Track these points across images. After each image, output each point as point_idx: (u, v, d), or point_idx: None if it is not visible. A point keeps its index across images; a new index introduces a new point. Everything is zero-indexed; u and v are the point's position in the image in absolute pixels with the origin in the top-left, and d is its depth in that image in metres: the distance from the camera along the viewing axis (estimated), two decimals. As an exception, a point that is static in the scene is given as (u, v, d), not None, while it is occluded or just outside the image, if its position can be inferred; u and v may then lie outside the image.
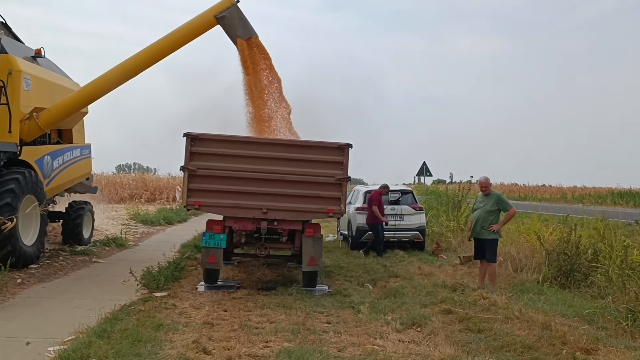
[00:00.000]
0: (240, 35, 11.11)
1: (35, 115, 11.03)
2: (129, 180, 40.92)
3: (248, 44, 11.10)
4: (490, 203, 9.52)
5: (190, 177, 9.02)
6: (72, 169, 13.05)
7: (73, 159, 13.12)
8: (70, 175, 13.01)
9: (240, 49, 11.11)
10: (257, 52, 11.15)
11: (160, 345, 5.92)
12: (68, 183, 13.18)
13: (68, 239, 13.41)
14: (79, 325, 6.45)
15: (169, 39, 11.42)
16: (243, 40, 11.09)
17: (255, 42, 11.18)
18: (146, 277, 9.15)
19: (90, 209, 14.31)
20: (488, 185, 9.83)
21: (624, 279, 8.18)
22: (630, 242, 9.63)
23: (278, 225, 9.18)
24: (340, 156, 9.18)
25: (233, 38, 11.21)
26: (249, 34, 11.16)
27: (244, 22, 11.18)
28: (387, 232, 14.65)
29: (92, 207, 14.50)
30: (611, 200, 41.15)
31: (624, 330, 6.87)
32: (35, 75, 11.12)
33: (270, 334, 6.51)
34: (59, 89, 12.12)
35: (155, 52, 11.43)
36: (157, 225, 20.94)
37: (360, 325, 7.12)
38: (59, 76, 12.77)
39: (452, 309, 7.88)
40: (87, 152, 14.12)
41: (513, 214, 9.71)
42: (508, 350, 6.10)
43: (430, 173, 26.21)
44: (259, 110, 10.90)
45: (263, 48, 11.21)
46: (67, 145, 13.03)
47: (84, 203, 14.09)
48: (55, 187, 12.21)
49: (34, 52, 11.89)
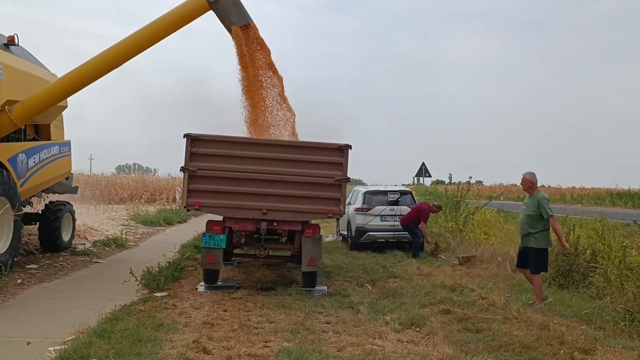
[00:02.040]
0: (236, 22, 10.37)
1: (8, 109, 10.08)
2: (129, 180, 41.08)
3: (244, 32, 10.40)
4: (532, 206, 8.28)
5: (190, 177, 9.05)
6: (49, 167, 11.98)
7: (51, 157, 12.03)
8: (47, 175, 11.97)
9: (235, 37, 10.43)
10: (254, 40, 10.46)
11: (161, 345, 5.95)
12: (45, 183, 12.12)
13: (46, 243, 12.48)
14: (80, 325, 6.48)
15: (156, 25, 10.45)
16: (238, 28, 10.38)
17: (251, 29, 10.45)
18: (146, 278, 9.17)
19: (70, 209, 13.40)
20: (530, 183, 8.43)
21: (622, 280, 8.21)
22: (628, 243, 9.63)
23: (278, 225, 9.21)
24: (340, 157, 9.21)
25: (227, 25, 10.46)
26: (244, 20, 10.41)
27: (240, 8, 10.41)
28: (386, 233, 14.71)
29: (72, 207, 13.58)
30: (610, 201, 41.19)
31: (621, 330, 6.90)
32: (8, 64, 10.04)
33: (269, 334, 6.54)
34: (35, 80, 11.00)
35: (142, 39, 10.48)
36: (157, 226, 20.99)
37: (359, 325, 7.15)
38: (35, 66, 11.60)
39: (450, 309, 7.91)
40: (66, 150, 13.00)
41: (553, 222, 8.22)
42: (506, 350, 6.13)
43: (429, 174, 26.25)
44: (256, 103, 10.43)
45: (260, 37, 10.52)
46: (44, 142, 11.96)
47: (62, 204, 13.13)
48: (30, 188, 11.22)
49: (6, 40, 10.85)
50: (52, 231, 12.42)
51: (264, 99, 10.53)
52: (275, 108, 10.58)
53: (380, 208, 14.91)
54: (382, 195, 15.39)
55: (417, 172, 27.23)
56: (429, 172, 26.40)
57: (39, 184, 11.65)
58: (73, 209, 13.66)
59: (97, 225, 18.20)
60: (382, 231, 14.79)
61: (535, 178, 8.42)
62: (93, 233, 16.26)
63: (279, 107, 10.61)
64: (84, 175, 41.09)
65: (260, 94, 10.48)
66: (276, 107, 10.57)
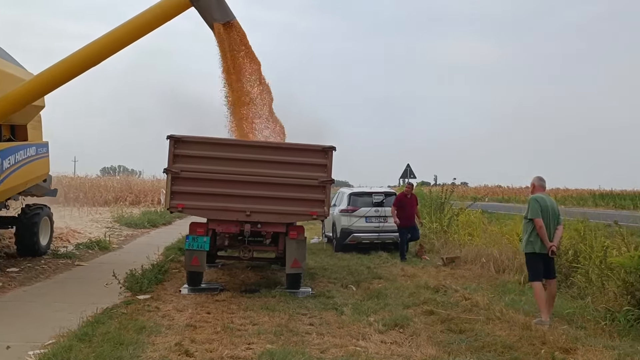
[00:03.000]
0: (218, 18, 10.11)
1: None
2: (114, 183, 40.77)
3: (226, 29, 10.16)
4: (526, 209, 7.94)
5: (173, 179, 8.99)
6: (26, 169, 11.58)
7: (27, 158, 11.62)
8: (24, 177, 11.58)
9: (217, 34, 10.20)
10: (236, 37, 10.22)
11: (142, 348, 5.91)
12: (21, 185, 11.72)
13: (23, 248, 12.13)
14: (60, 329, 6.40)
15: (136, 22, 10.12)
16: (220, 25, 10.13)
17: (234, 27, 10.21)
18: (129, 280, 9.11)
19: (48, 213, 13.02)
20: (531, 186, 8.19)
21: (603, 280, 8.28)
22: (609, 243, 9.72)
23: (261, 227, 9.18)
24: (324, 159, 9.20)
25: (209, 22, 10.21)
26: (227, 17, 10.17)
27: (222, 4, 10.17)
28: (371, 234, 14.74)
29: (50, 211, 13.22)
30: (592, 201, 41.63)
31: (602, 330, 6.96)
32: None
33: (253, 336, 6.52)
34: (9, 78, 10.53)
35: (121, 36, 10.12)
36: (141, 228, 20.85)
37: (343, 326, 7.15)
38: (9, 64, 11.14)
39: (434, 310, 7.94)
40: (44, 151, 12.57)
41: (537, 225, 7.62)
42: (489, 350, 6.16)
43: (414, 175, 26.27)
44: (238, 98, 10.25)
45: (243, 33, 10.30)
46: (20, 143, 11.51)
47: (39, 207, 12.75)
48: (5, 191, 10.82)
49: None
50: (30, 235, 12.12)
51: (247, 95, 10.38)
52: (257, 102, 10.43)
53: (365, 209, 14.94)
54: (367, 196, 15.43)
55: (402, 173, 27.28)
56: (414, 174, 26.45)
57: (14, 187, 11.33)
58: (51, 212, 13.34)
59: (80, 228, 18.05)
60: (367, 232, 14.82)
61: (538, 182, 8.08)
62: (76, 236, 16.12)
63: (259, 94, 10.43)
64: (68, 177, 40.72)
65: (243, 91, 10.35)
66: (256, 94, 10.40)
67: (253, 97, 10.38)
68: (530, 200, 7.84)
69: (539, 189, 8.01)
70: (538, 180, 8.06)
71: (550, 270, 7.76)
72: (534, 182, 8.09)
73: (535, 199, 7.73)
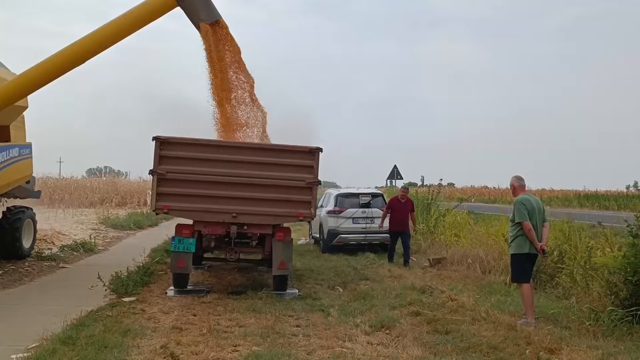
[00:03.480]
0: (204, 18, 10.00)
1: None
2: (100, 184, 40.50)
3: (212, 29, 10.06)
4: (511, 211, 7.87)
5: (159, 181, 8.94)
6: (8, 171, 11.39)
7: (9, 159, 11.42)
8: (6, 179, 11.39)
9: (203, 34, 10.08)
10: (223, 37, 10.12)
11: (127, 351, 5.87)
12: (4, 187, 11.51)
13: (4, 251, 11.88)
14: (44, 332, 6.33)
15: (121, 21, 9.97)
16: (207, 25, 10.02)
17: (220, 27, 10.11)
18: (115, 282, 9.05)
19: (31, 215, 12.82)
20: (512, 187, 8.12)
21: (587, 280, 8.36)
22: (594, 244, 9.83)
23: (248, 229, 9.17)
24: (311, 160, 9.19)
25: (195, 22, 10.10)
26: (213, 17, 10.06)
27: (208, 4, 10.06)
28: (358, 235, 14.76)
29: (33, 213, 13.00)
30: (577, 202, 41.98)
31: (586, 329, 7.01)
32: None
33: (239, 338, 6.50)
34: None
35: (106, 36, 9.98)
36: (127, 230, 20.71)
37: (330, 328, 7.14)
38: None
39: (420, 311, 7.95)
40: (27, 152, 12.32)
41: (525, 228, 7.52)
42: (474, 351, 6.19)
43: (401, 176, 26.37)
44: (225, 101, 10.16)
45: (227, 30, 10.19)
46: (2, 144, 11.34)
47: (22, 209, 12.55)
48: None
49: None
50: (12, 239, 11.93)
51: (233, 97, 10.29)
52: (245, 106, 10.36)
53: (352, 210, 14.96)
54: (354, 197, 15.45)
55: (390, 174, 27.36)
56: (401, 175, 26.56)
57: None
58: (34, 215, 13.12)
59: (65, 230, 17.90)
60: (354, 233, 14.83)
61: (517, 182, 8.00)
62: (61, 237, 15.98)
63: (250, 105, 10.38)
64: (53, 179, 40.40)
65: (229, 92, 10.25)
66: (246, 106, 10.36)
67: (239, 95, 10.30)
68: (516, 203, 7.73)
69: (520, 189, 7.97)
70: (517, 180, 8.01)
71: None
72: (513, 183, 8.04)
73: (521, 202, 7.65)
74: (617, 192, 49.74)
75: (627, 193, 49.99)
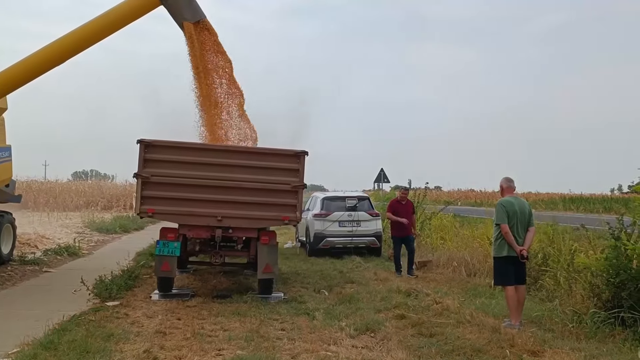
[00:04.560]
0: (188, 18, 9.91)
1: None
2: (85, 187, 40.21)
3: (196, 28, 9.98)
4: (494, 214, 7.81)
5: (143, 184, 8.88)
6: None
7: None
8: None
9: (187, 33, 9.99)
10: (207, 37, 10.03)
11: (110, 355, 5.82)
12: None
13: None
14: (25, 337, 6.26)
15: (103, 20, 9.80)
16: (191, 24, 9.93)
17: (204, 26, 10.04)
18: (98, 287, 8.96)
19: (10, 219, 12.47)
20: (500, 189, 8.04)
21: (570, 282, 8.43)
22: (577, 246, 9.91)
23: (233, 232, 9.12)
24: (297, 163, 9.19)
25: (179, 21, 10.01)
26: (197, 16, 9.98)
27: (192, 3, 9.98)
28: (344, 239, 14.77)
29: (12, 217, 12.66)
30: (563, 205, 42.34)
31: (569, 332, 7.06)
32: None
33: (223, 342, 6.47)
34: None
35: (86, 35, 9.78)
36: (112, 233, 20.58)
37: (315, 331, 7.13)
38: None
39: (405, 314, 7.97)
40: (6, 155, 12.06)
41: (502, 230, 7.51)
42: (458, 354, 6.20)
43: (387, 180, 26.51)
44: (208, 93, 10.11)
45: (214, 32, 10.13)
46: None
47: (1, 214, 12.22)
48: None
49: None
50: None
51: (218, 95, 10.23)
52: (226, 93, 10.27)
53: (338, 214, 14.96)
54: (340, 201, 15.45)
55: (376, 177, 27.47)
56: (387, 178, 26.69)
57: None
58: (14, 219, 12.81)
59: (49, 234, 17.75)
60: (340, 237, 14.83)
61: (505, 183, 7.94)
62: (44, 241, 15.82)
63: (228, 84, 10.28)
64: (38, 182, 40.06)
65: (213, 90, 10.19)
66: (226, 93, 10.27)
67: (223, 98, 10.30)
68: (497, 204, 7.72)
69: (508, 191, 7.93)
70: (506, 181, 7.98)
71: (521, 275, 7.71)
72: (501, 184, 8.02)
73: (502, 204, 7.63)
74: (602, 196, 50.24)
75: (611, 196, 50.47)
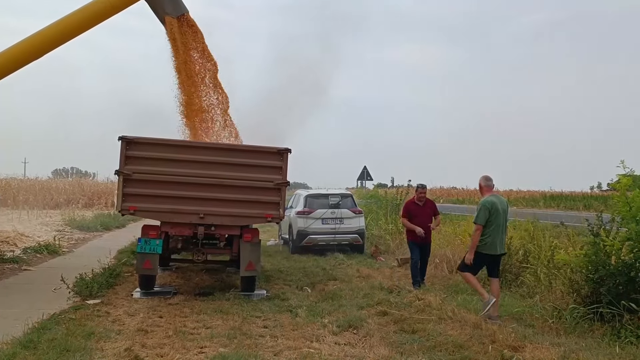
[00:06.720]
0: (170, 12, 9.75)
1: None
2: (65, 185, 39.69)
3: (179, 23, 9.83)
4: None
5: (125, 181, 8.80)
6: None
7: None
8: None
9: (169, 28, 9.84)
10: (189, 31, 9.90)
11: (90, 354, 5.77)
12: None
13: None
14: (3, 336, 6.18)
15: (83, 13, 9.60)
16: (173, 19, 9.77)
17: (186, 21, 9.89)
18: (79, 285, 8.88)
19: None
20: (479, 187, 8.18)
21: (550, 278, 8.53)
22: (557, 243, 10.03)
23: (215, 230, 9.09)
24: (280, 161, 9.16)
25: (161, 16, 9.86)
26: (179, 11, 9.83)
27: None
28: (327, 236, 14.79)
29: None
30: (544, 203, 42.73)
31: (550, 327, 7.16)
32: None
33: (205, 340, 6.45)
34: None
35: (66, 28, 9.59)
36: (93, 231, 20.33)
37: (297, 328, 7.14)
38: None
39: (387, 311, 8.00)
40: None
41: (475, 229, 7.78)
42: (440, 350, 6.25)
43: (370, 177, 26.61)
44: (191, 98, 10.01)
45: (196, 27, 10.00)
46: None
47: None
48: None
49: None
50: None
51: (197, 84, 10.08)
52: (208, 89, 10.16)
53: (321, 211, 14.98)
54: (324, 198, 15.48)
55: (360, 175, 27.55)
56: (370, 176, 26.79)
57: None
58: None
59: (28, 231, 17.50)
60: (323, 234, 14.85)
61: (484, 182, 7.99)
62: (24, 239, 15.59)
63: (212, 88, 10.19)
64: (17, 179, 39.50)
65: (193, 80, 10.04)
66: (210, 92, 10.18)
67: (208, 101, 10.25)
68: (481, 205, 7.79)
69: (487, 190, 8.04)
70: (485, 180, 8.08)
71: (495, 270, 8.05)
72: (480, 183, 8.13)
73: (485, 206, 7.73)
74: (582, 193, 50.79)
75: (591, 194, 51.06)
